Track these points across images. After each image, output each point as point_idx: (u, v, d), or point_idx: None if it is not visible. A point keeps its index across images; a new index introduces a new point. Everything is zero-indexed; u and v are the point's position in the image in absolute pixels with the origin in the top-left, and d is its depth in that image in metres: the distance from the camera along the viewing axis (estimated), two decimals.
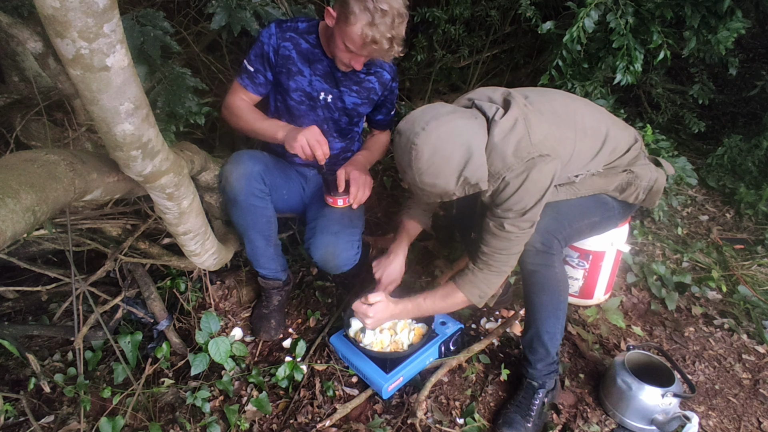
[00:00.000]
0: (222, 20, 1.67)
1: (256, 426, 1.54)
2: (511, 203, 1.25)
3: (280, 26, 1.61)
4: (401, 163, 1.23)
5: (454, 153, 1.18)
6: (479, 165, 1.22)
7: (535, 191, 1.24)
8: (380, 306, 1.45)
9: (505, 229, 1.28)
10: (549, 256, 1.36)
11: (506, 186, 1.25)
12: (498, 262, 1.34)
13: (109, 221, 1.80)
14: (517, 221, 1.27)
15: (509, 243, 1.31)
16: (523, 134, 1.25)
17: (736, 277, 2.10)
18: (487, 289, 1.39)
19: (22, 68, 1.68)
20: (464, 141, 1.19)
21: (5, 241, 0.76)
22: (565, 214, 1.40)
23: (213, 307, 1.95)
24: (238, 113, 1.66)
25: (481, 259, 1.36)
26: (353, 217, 1.72)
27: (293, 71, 1.63)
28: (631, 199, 1.49)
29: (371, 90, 1.72)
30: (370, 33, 1.38)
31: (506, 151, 1.24)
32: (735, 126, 3.35)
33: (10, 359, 1.77)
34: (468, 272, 1.40)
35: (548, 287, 1.39)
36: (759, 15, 2.67)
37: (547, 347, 1.46)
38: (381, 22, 1.37)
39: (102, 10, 0.77)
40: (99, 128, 0.97)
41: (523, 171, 1.22)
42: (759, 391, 1.63)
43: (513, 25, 2.96)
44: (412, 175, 1.21)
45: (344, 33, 1.43)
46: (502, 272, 1.37)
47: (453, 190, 1.23)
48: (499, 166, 1.25)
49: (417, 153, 1.17)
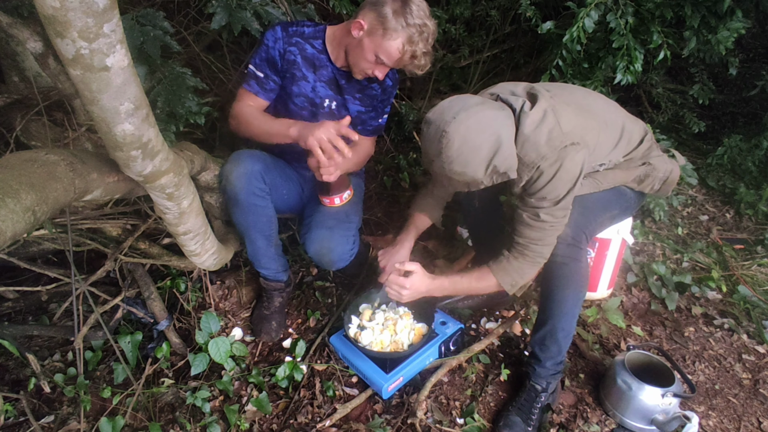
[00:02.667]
0: (222, 20, 1.66)
1: (256, 426, 1.54)
2: (545, 192, 1.27)
3: (286, 30, 1.59)
4: (430, 152, 1.25)
5: (484, 142, 1.19)
6: (508, 154, 1.23)
7: (567, 179, 1.26)
8: (418, 278, 1.43)
9: (540, 218, 1.30)
10: (578, 250, 1.38)
11: (540, 175, 1.27)
12: (533, 252, 1.36)
13: (109, 221, 1.80)
14: (551, 210, 1.29)
15: (544, 233, 1.32)
16: (554, 124, 1.27)
17: (736, 277, 2.10)
18: (519, 279, 1.40)
19: (22, 68, 1.68)
20: (494, 131, 1.21)
21: (5, 241, 0.76)
22: (590, 209, 1.42)
23: (213, 307, 1.95)
24: (247, 120, 1.62)
25: (516, 248, 1.38)
26: (349, 212, 1.72)
27: (297, 76, 1.63)
28: (647, 189, 1.53)
29: (374, 97, 1.72)
30: (410, 48, 1.44)
31: (539, 141, 1.26)
32: (735, 126, 3.35)
33: (10, 359, 1.77)
34: (503, 259, 1.41)
35: (573, 282, 1.40)
36: (759, 15, 2.66)
37: (561, 345, 1.46)
38: (420, 38, 1.43)
39: (102, 10, 0.77)
40: (99, 128, 0.97)
41: (557, 160, 1.25)
42: (759, 391, 1.63)
43: (513, 25, 2.95)
44: (441, 164, 1.22)
45: (379, 46, 1.45)
46: (536, 263, 1.38)
47: (481, 179, 1.24)
48: (533, 156, 1.27)
49: (447, 142, 1.19)
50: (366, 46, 1.48)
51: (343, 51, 1.58)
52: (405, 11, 1.42)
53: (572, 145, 1.26)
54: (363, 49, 1.49)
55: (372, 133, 1.83)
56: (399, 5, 1.42)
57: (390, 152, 2.95)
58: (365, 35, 1.47)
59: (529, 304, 1.97)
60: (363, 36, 1.48)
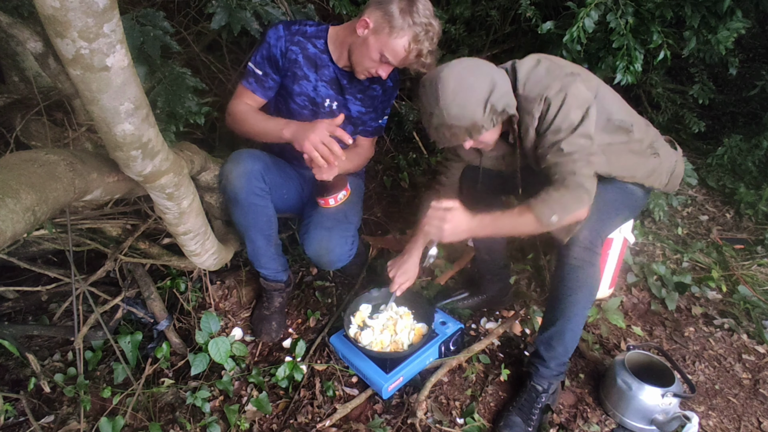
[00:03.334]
0: (222, 20, 1.66)
1: (256, 426, 1.54)
2: (558, 121, 1.27)
3: (288, 28, 1.59)
4: (428, 106, 1.27)
5: (478, 81, 1.23)
6: (504, 92, 1.27)
7: (577, 104, 1.27)
8: (459, 213, 1.31)
9: (563, 151, 1.27)
10: (594, 254, 1.37)
11: (549, 106, 1.28)
12: (573, 183, 1.26)
13: (109, 221, 1.80)
14: (570, 138, 1.27)
15: (574, 165, 1.27)
16: (550, 62, 1.33)
17: (736, 277, 2.10)
18: (561, 211, 1.26)
19: (22, 68, 1.68)
20: (487, 72, 1.26)
21: (5, 241, 0.77)
22: (605, 212, 1.41)
23: (213, 307, 1.95)
24: (242, 117, 1.62)
25: (556, 181, 1.30)
26: (348, 213, 1.72)
27: (299, 75, 1.63)
28: (656, 184, 1.54)
29: (375, 98, 1.72)
30: (416, 47, 1.45)
31: (539, 75, 1.31)
32: (735, 126, 3.35)
33: (10, 359, 1.77)
34: (542, 192, 1.30)
35: (586, 285, 1.38)
36: (759, 15, 2.66)
37: (567, 347, 1.46)
38: (425, 37, 1.44)
39: (102, 10, 0.77)
40: (99, 128, 0.97)
41: (561, 89, 1.27)
42: (759, 391, 1.63)
43: (513, 25, 2.95)
44: (440, 113, 1.24)
45: (385, 45, 1.45)
46: (579, 196, 1.26)
47: (481, 122, 1.25)
48: (537, 89, 1.29)
49: (443, 86, 1.22)
50: (371, 45, 1.48)
51: (346, 51, 1.58)
52: (412, 10, 1.42)
53: (572, 75, 1.28)
54: (368, 48, 1.49)
55: (372, 134, 1.82)
56: (406, 4, 1.42)
57: (390, 152, 2.95)
58: (370, 33, 1.47)
59: (529, 304, 1.97)
60: (368, 34, 1.47)
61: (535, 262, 2.19)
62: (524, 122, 1.34)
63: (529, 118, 1.32)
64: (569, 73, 1.29)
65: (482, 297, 1.96)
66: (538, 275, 2.14)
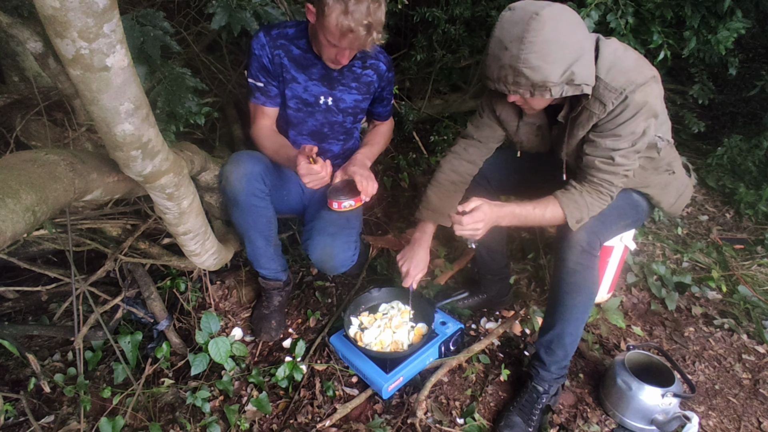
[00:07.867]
0: (222, 20, 1.66)
1: (256, 426, 1.54)
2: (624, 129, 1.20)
3: (269, 34, 1.58)
4: (506, 39, 1.10)
5: (571, 41, 1.10)
6: (588, 65, 1.15)
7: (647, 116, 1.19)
8: (486, 207, 1.28)
9: (614, 162, 1.24)
10: (591, 258, 1.35)
11: (626, 107, 1.18)
12: (606, 190, 1.30)
13: (109, 221, 1.80)
14: (628, 152, 1.23)
15: (615, 177, 1.28)
16: (638, 55, 1.23)
17: (736, 277, 2.10)
18: (586, 215, 1.32)
19: (22, 68, 1.69)
20: (582, 37, 1.13)
21: (5, 241, 0.77)
22: (606, 216, 1.39)
23: (213, 307, 1.95)
24: (261, 143, 1.68)
25: (591, 183, 1.30)
26: (351, 218, 1.72)
27: (287, 79, 1.63)
28: (663, 201, 1.51)
29: (370, 84, 1.72)
30: (346, 22, 1.35)
31: (627, 65, 1.19)
32: (735, 126, 3.35)
33: (10, 359, 1.77)
34: (574, 191, 1.31)
35: (585, 289, 1.38)
36: (759, 15, 2.66)
37: (567, 350, 1.46)
38: (355, 9, 1.34)
39: (102, 10, 0.77)
40: (99, 128, 0.97)
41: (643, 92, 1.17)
42: (759, 391, 1.63)
43: None
44: (517, 54, 1.09)
45: (323, 26, 1.40)
46: (605, 202, 1.32)
47: (553, 83, 1.11)
48: (621, 81, 1.17)
49: (538, 25, 1.07)
50: (318, 30, 1.45)
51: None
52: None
53: (654, 78, 1.19)
54: (316, 35, 1.47)
55: (386, 117, 1.89)
56: None
57: (390, 152, 2.95)
58: (315, 19, 1.44)
59: (529, 304, 1.97)
60: (314, 21, 1.45)
61: (535, 262, 2.19)
62: (590, 108, 1.22)
63: (599, 107, 1.21)
64: (652, 76, 1.19)
65: (482, 297, 1.96)
66: (538, 275, 2.14)
